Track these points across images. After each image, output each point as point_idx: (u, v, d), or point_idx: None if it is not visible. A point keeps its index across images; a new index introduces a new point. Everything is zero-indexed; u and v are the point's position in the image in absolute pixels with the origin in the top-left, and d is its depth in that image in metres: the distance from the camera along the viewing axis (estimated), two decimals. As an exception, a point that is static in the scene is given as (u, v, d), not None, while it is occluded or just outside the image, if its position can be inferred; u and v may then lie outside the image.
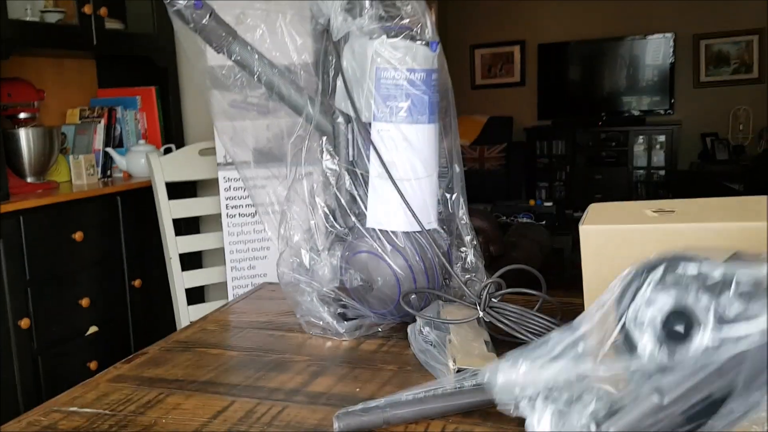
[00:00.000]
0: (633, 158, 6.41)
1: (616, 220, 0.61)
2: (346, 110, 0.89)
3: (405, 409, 0.63)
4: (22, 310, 2.05)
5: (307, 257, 0.92)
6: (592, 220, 0.62)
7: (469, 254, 0.95)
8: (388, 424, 0.63)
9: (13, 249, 2.02)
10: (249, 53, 0.87)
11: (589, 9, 6.55)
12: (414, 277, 0.87)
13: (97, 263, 2.34)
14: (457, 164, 0.95)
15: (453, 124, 0.94)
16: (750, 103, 6.09)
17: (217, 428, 0.65)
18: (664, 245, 0.58)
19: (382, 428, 0.63)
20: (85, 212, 2.30)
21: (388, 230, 0.88)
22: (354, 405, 0.63)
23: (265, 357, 0.84)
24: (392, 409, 0.63)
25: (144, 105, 2.84)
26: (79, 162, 2.53)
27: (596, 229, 0.60)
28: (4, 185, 2.09)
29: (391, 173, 0.86)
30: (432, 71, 0.87)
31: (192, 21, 0.84)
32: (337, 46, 0.89)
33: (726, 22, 6.12)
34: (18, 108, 2.40)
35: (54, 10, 2.42)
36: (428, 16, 0.87)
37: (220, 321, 1.00)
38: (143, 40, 2.76)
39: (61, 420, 0.69)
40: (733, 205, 0.63)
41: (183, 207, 2.24)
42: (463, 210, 0.95)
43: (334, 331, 0.89)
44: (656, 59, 6.43)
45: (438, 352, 0.76)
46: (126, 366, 0.83)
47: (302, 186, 0.92)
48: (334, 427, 0.61)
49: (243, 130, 0.98)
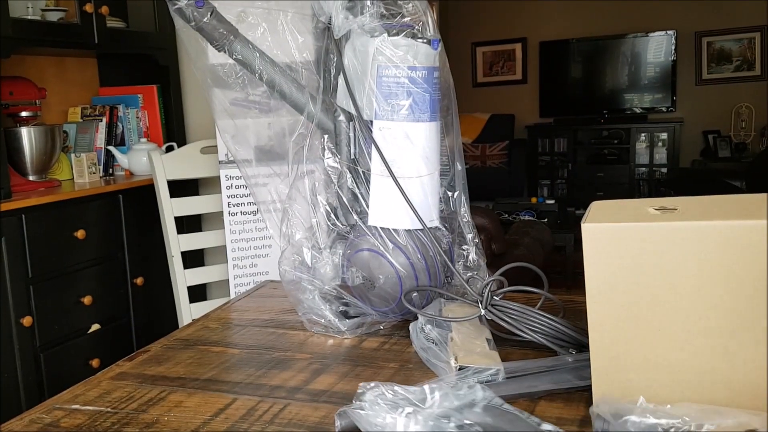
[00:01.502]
0: (635, 156, 6.40)
1: (619, 218, 0.61)
2: (348, 108, 0.89)
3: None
4: (25, 308, 2.06)
5: (309, 255, 0.92)
6: (594, 218, 0.62)
7: (470, 252, 0.95)
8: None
9: (15, 247, 2.03)
10: (250, 51, 0.87)
11: (591, 6, 6.54)
12: (416, 275, 0.87)
13: (99, 261, 2.34)
14: (459, 162, 0.95)
15: (454, 121, 0.94)
16: (752, 101, 6.08)
17: (219, 426, 0.65)
18: (666, 243, 0.58)
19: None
20: (87, 210, 2.30)
21: (390, 228, 0.88)
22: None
23: (267, 355, 0.84)
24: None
25: (145, 103, 2.84)
26: (80, 160, 2.54)
27: (599, 227, 0.60)
28: (6, 183, 2.09)
29: (393, 171, 0.86)
30: (433, 69, 0.87)
31: (193, 19, 0.84)
32: (339, 44, 0.89)
33: (728, 20, 6.11)
34: (20, 106, 2.40)
35: (55, 8, 2.43)
36: (429, 13, 0.87)
37: (222, 319, 1.00)
38: (145, 38, 2.76)
39: (63, 417, 0.69)
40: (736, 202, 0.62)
41: (185, 205, 2.24)
42: (465, 208, 0.95)
43: (335, 328, 0.89)
44: (658, 56, 6.42)
45: (440, 349, 0.76)
46: (128, 364, 0.83)
47: (304, 184, 0.92)
48: (335, 424, 0.61)
49: (244, 128, 0.98)
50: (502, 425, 0.54)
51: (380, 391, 0.55)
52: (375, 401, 0.54)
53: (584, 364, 0.68)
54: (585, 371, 0.67)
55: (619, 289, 0.59)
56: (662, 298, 0.58)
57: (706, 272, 0.57)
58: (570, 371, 0.70)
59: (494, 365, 0.71)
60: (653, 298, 0.58)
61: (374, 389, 0.56)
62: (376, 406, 0.53)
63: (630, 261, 0.59)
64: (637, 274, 0.59)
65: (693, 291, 0.58)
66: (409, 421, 0.51)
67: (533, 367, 0.73)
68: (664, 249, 0.58)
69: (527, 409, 0.67)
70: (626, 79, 6.62)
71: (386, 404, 0.53)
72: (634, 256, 0.59)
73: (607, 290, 0.60)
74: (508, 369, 0.72)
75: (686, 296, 0.58)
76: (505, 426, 0.53)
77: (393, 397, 0.55)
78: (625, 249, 0.59)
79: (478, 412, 0.55)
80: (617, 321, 0.60)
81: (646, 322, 0.59)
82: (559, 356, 0.74)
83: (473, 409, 0.55)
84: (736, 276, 0.56)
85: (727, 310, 0.57)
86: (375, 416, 0.53)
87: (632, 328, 0.60)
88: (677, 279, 0.58)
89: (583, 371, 0.69)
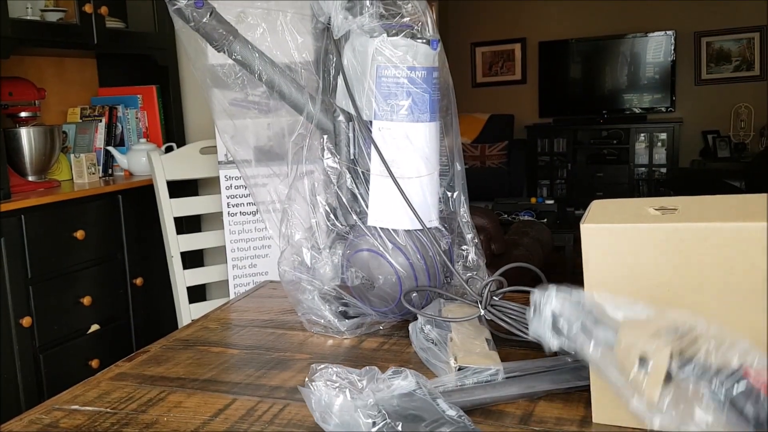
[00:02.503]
0: (634, 156, 6.40)
1: (618, 218, 0.61)
2: (347, 108, 0.89)
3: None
4: (24, 309, 2.06)
5: (309, 255, 0.92)
6: (593, 219, 0.62)
7: (470, 252, 0.95)
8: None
9: (14, 247, 2.03)
10: (249, 52, 0.87)
11: (591, 7, 6.55)
12: (415, 276, 0.87)
13: (98, 262, 2.34)
14: (458, 162, 0.95)
15: (454, 122, 0.94)
16: (751, 101, 6.09)
17: (218, 426, 0.65)
18: (666, 244, 0.58)
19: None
20: (87, 211, 2.30)
21: (390, 228, 0.88)
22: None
23: (267, 355, 0.84)
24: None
25: (145, 103, 2.84)
26: (80, 160, 2.54)
27: (598, 228, 0.60)
28: (5, 184, 2.09)
29: (393, 171, 0.86)
30: (433, 69, 0.87)
31: (193, 20, 0.84)
32: (338, 45, 0.89)
33: (727, 20, 6.12)
34: (19, 107, 2.40)
35: (55, 9, 2.43)
36: (429, 14, 0.87)
37: (222, 319, 1.00)
38: (144, 38, 2.76)
39: (63, 418, 0.69)
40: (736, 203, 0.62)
41: (184, 205, 2.24)
42: (465, 208, 0.95)
43: (335, 329, 0.89)
44: (657, 57, 6.42)
45: (439, 350, 0.76)
46: (127, 364, 0.83)
47: (303, 184, 0.92)
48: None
49: (244, 128, 0.98)
50: (408, 407, 0.57)
51: (328, 373, 0.59)
52: (321, 383, 0.59)
53: (584, 364, 0.68)
54: (584, 371, 0.67)
55: (618, 290, 0.59)
56: (661, 300, 0.58)
57: (706, 274, 0.57)
58: (569, 371, 0.70)
59: (494, 365, 0.71)
60: (652, 300, 0.58)
61: (323, 371, 0.60)
62: (322, 388, 0.58)
63: (629, 262, 0.59)
64: (636, 275, 0.59)
65: (692, 292, 0.58)
66: (336, 400, 0.57)
67: (533, 367, 0.73)
68: (663, 250, 0.58)
69: (527, 410, 0.67)
70: (626, 80, 6.62)
71: (329, 386, 0.58)
72: (634, 256, 0.59)
73: (606, 291, 0.60)
74: (508, 369, 0.72)
75: (685, 297, 0.58)
76: (411, 410, 0.57)
77: (338, 378, 0.59)
78: (625, 250, 0.59)
79: (393, 396, 0.58)
80: None
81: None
82: (558, 356, 0.74)
83: (391, 394, 0.59)
84: (736, 278, 0.56)
85: (726, 312, 0.57)
86: (318, 396, 0.58)
87: None
88: (676, 280, 0.58)
89: (582, 371, 0.69)
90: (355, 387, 0.58)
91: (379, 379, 0.60)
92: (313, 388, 0.58)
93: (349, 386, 0.58)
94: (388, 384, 0.59)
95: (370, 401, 0.56)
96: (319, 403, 0.58)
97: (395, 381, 0.59)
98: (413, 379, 0.60)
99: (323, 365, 0.61)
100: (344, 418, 0.56)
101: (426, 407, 0.57)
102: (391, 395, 0.58)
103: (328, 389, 0.57)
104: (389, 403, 0.57)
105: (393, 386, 0.59)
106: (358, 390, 0.58)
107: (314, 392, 0.58)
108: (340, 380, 0.58)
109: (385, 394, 0.58)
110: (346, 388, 0.57)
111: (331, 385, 0.58)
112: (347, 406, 0.56)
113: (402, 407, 0.57)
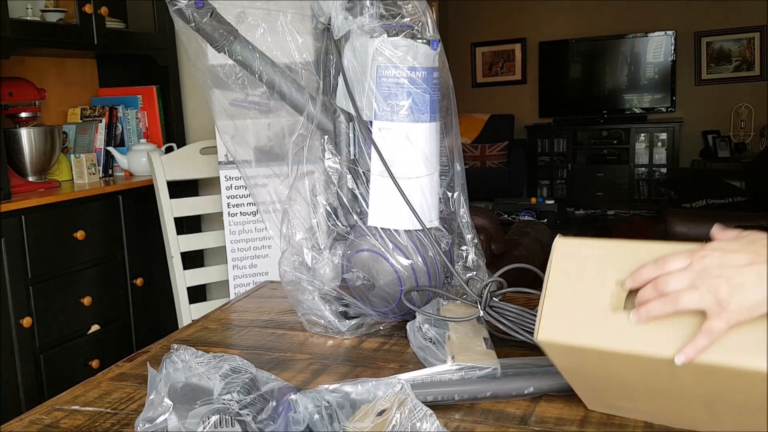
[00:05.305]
0: (634, 156, 6.40)
1: (572, 324, 0.60)
2: (348, 109, 0.89)
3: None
4: (24, 309, 2.05)
5: (309, 256, 0.92)
6: (548, 315, 0.61)
7: (470, 252, 0.95)
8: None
9: (14, 248, 2.03)
10: (250, 52, 0.87)
11: (591, 7, 6.54)
12: (415, 276, 0.87)
13: (98, 262, 2.34)
14: (458, 162, 0.95)
15: (454, 122, 0.94)
16: (751, 101, 6.08)
17: (219, 427, 0.65)
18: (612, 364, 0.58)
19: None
20: (87, 211, 2.30)
21: (390, 228, 0.88)
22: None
23: (267, 355, 0.84)
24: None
25: (145, 104, 2.84)
26: (80, 161, 2.53)
27: (551, 344, 0.60)
28: (5, 184, 2.09)
29: (393, 171, 0.86)
30: (433, 69, 0.87)
31: (193, 20, 0.84)
32: (338, 45, 0.89)
33: (727, 20, 6.11)
34: (19, 107, 2.40)
35: (55, 9, 2.42)
36: (429, 14, 0.87)
37: (222, 319, 1.00)
38: (144, 39, 2.76)
39: (63, 418, 0.69)
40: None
41: (184, 206, 2.24)
42: (465, 208, 0.95)
43: (335, 329, 0.89)
44: (657, 57, 6.42)
45: (437, 348, 0.76)
46: (128, 364, 0.83)
47: (304, 184, 0.92)
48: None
49: (244, 128, 0.98)
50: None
51: (186, 355, 0.63)
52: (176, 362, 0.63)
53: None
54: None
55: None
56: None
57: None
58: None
59: (491, 364, 0.71)
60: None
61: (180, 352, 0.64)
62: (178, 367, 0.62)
63: (582, 361, 0.60)
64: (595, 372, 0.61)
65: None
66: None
67: (532, 367, 0.73)
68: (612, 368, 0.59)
69: (527, 410, 0.67)
70: (626, 80, 6.62)
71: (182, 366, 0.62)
72: (586, 363, 0.60)
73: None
74: (507, 368, 0.72)
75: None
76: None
77: (193, 358, 0.63)
78: (577, 356, 0.60)
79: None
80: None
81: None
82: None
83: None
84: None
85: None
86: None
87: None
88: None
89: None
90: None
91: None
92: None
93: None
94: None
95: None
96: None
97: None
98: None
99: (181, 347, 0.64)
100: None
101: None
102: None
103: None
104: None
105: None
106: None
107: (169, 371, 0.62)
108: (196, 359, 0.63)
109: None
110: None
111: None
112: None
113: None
